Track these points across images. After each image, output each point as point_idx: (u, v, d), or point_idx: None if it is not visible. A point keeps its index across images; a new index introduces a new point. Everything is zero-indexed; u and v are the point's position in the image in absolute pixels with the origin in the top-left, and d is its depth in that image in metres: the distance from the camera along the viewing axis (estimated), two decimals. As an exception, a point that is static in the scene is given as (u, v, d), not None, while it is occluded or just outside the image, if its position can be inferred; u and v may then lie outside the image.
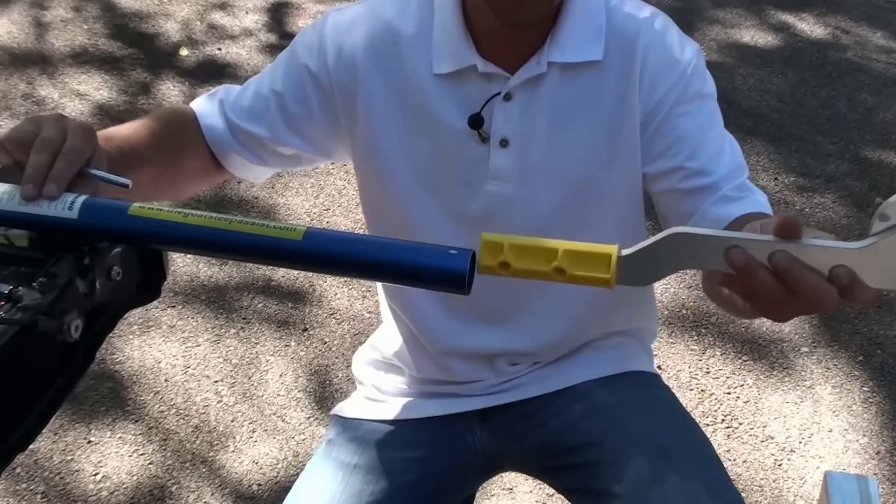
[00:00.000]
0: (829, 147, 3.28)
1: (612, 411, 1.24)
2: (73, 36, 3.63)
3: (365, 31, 1.14)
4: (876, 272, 0.65)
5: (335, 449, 1.27)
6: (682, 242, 0.71)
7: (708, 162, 1.09)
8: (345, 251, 0.78)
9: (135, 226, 0.81)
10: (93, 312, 0.79)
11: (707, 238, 0.71)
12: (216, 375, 2.26)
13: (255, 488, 2.00)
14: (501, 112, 1.12)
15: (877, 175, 3.15)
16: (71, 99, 3.25)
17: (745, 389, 2.30)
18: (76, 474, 2.01)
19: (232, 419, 2.15)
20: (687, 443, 1.17)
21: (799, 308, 0.71)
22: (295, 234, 0.78)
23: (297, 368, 2.29)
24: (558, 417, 1.26)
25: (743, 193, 1.06)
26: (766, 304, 0.72)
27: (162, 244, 0.83)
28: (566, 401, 1.27)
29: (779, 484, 2.07)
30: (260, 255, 0.80)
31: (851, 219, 2.93)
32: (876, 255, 0.65)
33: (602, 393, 1.26)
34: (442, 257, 0.75)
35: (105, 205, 0.83)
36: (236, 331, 2.39)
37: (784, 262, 0.68)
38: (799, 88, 3.63)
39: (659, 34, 1.12)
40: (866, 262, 0.66)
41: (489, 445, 1.29)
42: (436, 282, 0.75)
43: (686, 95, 1.10)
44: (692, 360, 2.37)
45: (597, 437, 1.20)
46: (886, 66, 3.86)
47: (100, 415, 2.14)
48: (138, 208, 0.82)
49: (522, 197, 1.15)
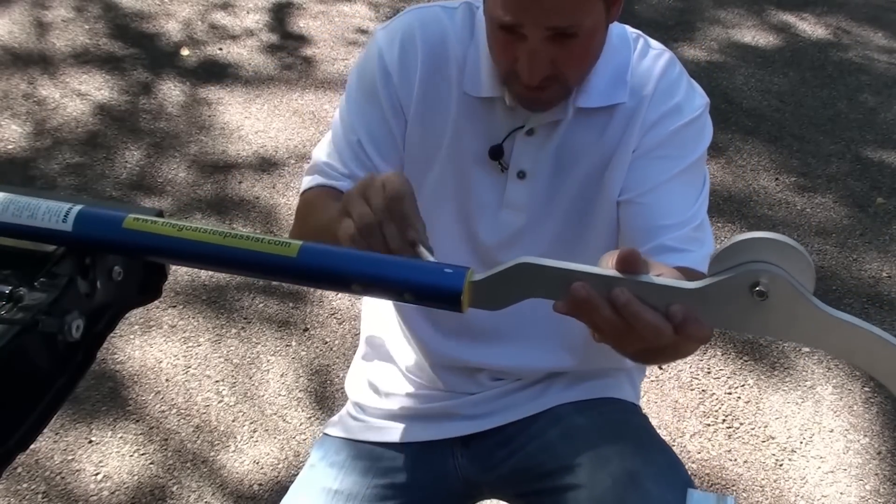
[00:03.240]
0: (830, 147, 3.28)
1: (586, 434, 1.24)
2: (74, 36, 3.63)
3: (421, 47, 1.17)
4: (707, 312, 0.69)
5: (317, 474, 1.28)
6: (529, 272, 0.73)
7: (660, 206, 1.13)
8: (340, 267, 0.78)
9: (129, 239, 0.80)
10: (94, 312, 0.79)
11: (553, 269, 0.73)
12: (217, 375, 2.26)
13: (255, 488, 2.00)
14: (523, 145, 1.16)
15: (878, 175, 3.15)
16: (72, 99, 3.26)
17: (746, 389, 2.30)
18: (77, 474, 2.01)
19: (233, 419, 2.15)
20: (658, 467, 1.18)
21: (637, 341, 0.73)
22: (290, 249, 0.78)
23: (298, 368, 2.29)
24: (535, 441, 1.27)
25: (684, 246, 1.09)
26: (608, 334, 0.75)
27: (156, 257, 0.83)
28: (544, 424, 1.28)
29: (780, 484, 2.07)
30: (254, 270, 0.80)
31: (853, 219, 2.93)
32: (707, 296, 0.68)
33: (579, 417, 1.27)
34: (437, 275, 0.75)
35: (100, 216, 0.82)
36: (237, 331, 2.39)
37: (621, 298, 0.70)
38: (800, 88, 3.63)
39: (671, 84, 1.16)
40: (699, 303, 0.69)
41: (469, 471, 1.30)
42: (431, 299, 0.75)
43: (672, 144, 1.14)
44: (693, 360, 2.37)
45: (570, 461, 1.21)
46: (888, 67, 3.85)
47: (101, 414, 2.14)
48: (133, 220, 0.81)
49: (530, 226, 1.20)
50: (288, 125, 3.20)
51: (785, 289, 0.66)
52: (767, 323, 0.67)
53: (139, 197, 2.83)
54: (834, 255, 2.77)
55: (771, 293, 0.66)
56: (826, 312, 0.66)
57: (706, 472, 2.08)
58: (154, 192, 2.85)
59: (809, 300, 0.66)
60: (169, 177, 2.92)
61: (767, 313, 0.67)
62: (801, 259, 0.66)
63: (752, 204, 2.97)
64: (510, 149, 1.17)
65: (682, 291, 0.70)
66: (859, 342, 0.66)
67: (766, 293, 0.66)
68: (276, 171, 2.97)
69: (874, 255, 2.78)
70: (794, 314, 0.66)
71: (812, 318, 0.66)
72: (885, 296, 2.62)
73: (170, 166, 2.96)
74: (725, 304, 0.68)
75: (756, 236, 0.66)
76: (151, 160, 2.99)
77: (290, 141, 3.12)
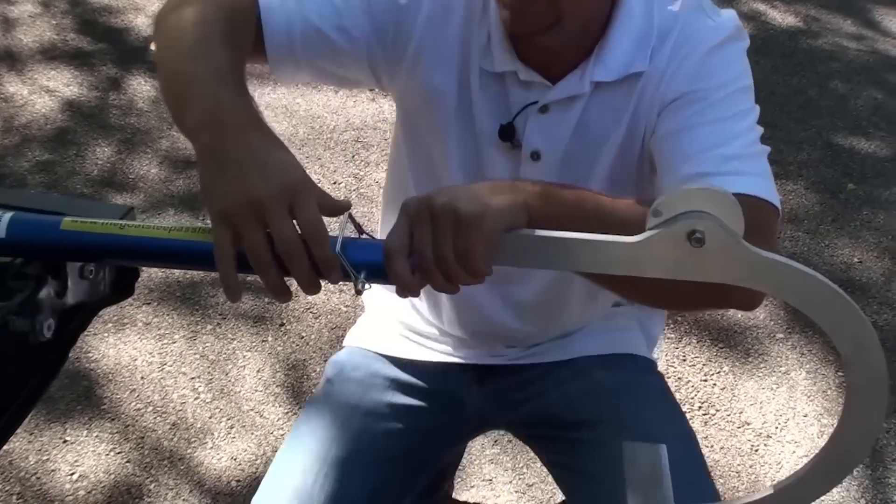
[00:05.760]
0: (801, 134, 3.31)
1: (609, 394, 1.25)
2: (41, 31, 3.58)
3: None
4: (650, 262, 0.74)
5: (335, 389, 1.28)
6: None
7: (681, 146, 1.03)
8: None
9: (68, 241, 0.78)
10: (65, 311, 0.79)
11: (510, 235, 0.80)
12: (193, 372, 2.24)
13: (233, 484, 1.99)
14: (536, 124, 1.10)
15: (848, 161, 3.18)
16: (40, 95, 3.22)
17: (721, 376, 2.31)
18: (52, 474, 1.99)
19: (209, 416, 2.14)
20: (674, 437, 1.18)
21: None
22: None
23: (274, 364, 2.28)
24: (556, 390, 1.27)
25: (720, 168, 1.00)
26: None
27: (99, 258, 0.81)
28: (565, 375, 1.28)
29: (755, 469, 2.09)
30: (202, 263, 0.79)
31: (824, 205, 2.96)
32: (648, 248, 0.73)
33: (601, 373, 1.27)
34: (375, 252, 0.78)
35: (35, 221, 0.79)
36: (212, 327, 2.37)
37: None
38: (771, 76, 3.65)
39: (693, 25, 1.07)
40: (642, 254, 0.74)
41: (484, 406, 1.30)
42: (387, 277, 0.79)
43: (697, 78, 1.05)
44: (669, 348, 2.38)
45: (590, 417, 1.22)
46: (857, 54, 3.89)
47: (75, 414, 2.12)
48: (71, 222, 0.79)
49: None
50: (260, 119, 3.18)
51: (719, 234, 0.71)
52: (705, 267, 0.73)
53: (111, 194, 2.80)
54: (806, 242, 2.79)
55: (707, 239, 0.71)
56: (756, 253, 0.72)
57: (683, 459, 2.10)
58: (126, 189, 2.82)
59: (741, 243, 0.72)
60: (141, 173, 2.89)
61: (704, 258, 0.72)
62: (732, 206, 0.72)
63: (724, 192, 2.99)
64: (523, 127, 1.10)
65: (624, 246, 0.74)
66: (786, 278, 0.73)
67: (702, 239, 0.71)
68: (249, 166, 2.95)
69: (845, 240, 2.81)
70: (728, 257, 0.72)
71: (744, 259, 0.72)
72: (857, 281, 2.65)
73: (141, 162, 2.94)
74: (666, 254, 0.73)
75: (689, 188, 0.72)
76: (122, 156, 2.96)
77: (263, 135, 3.10)
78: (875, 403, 0.78)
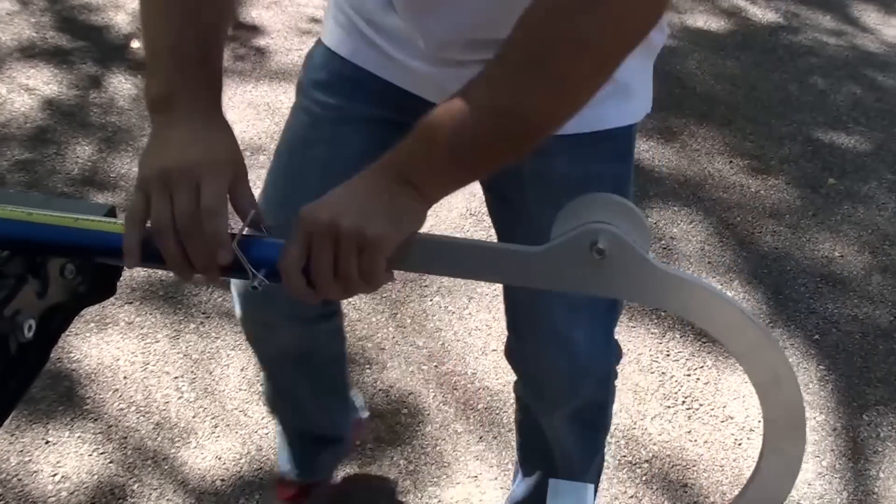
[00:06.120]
0: (782, 130, 3.32)
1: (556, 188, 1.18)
2: (20, 29, 3.56)
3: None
4: (553, 274, 0.72)
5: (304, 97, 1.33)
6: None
7: None
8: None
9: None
10: (46, 311, 0.78)
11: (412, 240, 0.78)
12: (176, 371, 2.23)
13: (218, 484, 1.98)
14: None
15: (829, 157, 3.20)
16: (20, 94, 3.19)
17: (704, 371, 2.33)
18: (34, 475, 1.98)
19: (193, 415, 2.13)
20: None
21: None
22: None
23: (258, 363, 2.27)
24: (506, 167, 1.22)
25: None
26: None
27: (7, 246, 0.79)
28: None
29: (739, 463, 2.10)
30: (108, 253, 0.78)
31: (805, 200, 2.97)
32: (551, 258, 0.71)
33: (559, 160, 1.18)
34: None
35: None
36: (196, 326, 2.36)
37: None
38: (752, 72, 3.67)
39: None
40: (544, 265, 0.72)
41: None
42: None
43: None
44: (652, 343, 2.39)
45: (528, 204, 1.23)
46: (837, 49, 3.91)
47: (58, 414, 2.11)
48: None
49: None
50: (242, 117, 3.17)
51: (621, 245, 0.69)
52: (609, 281, 0.70)
53: (92, 193, 2.78)
54: (787, 237, 2.80)
55: (609, 250, 0.69)
56: (660, 268, 0.70)
57: (667, 454, 2.11)
58: (107, 188, 2.81)
59: (644, 256, 0.69)
60: (122, 171, 2.87)
61: (607, 272, 0.70)
62: (635, 218, 0.70)
63: (706, 187, 3.00)
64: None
65: (527, 255, 0.72)
66: (694, 298, 0.69)
67: (604, 250, 0.69)
68: (231, 164, 2.94)
69: (826, 235, 2.83)
70: (632, 272, 0.69)
71: (648, 274, 0.69)
72: (838, 275, 2.67)
73: (122, 161, 2.92)
74: (568, 265, 0.71)
75: (591, 198, 0.70)
76: (103, 155, 2.94)
77: (245, 133, 3.09)
78: (793, 438, 0.71)
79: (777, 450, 0.71)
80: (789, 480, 0.72)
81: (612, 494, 2.01)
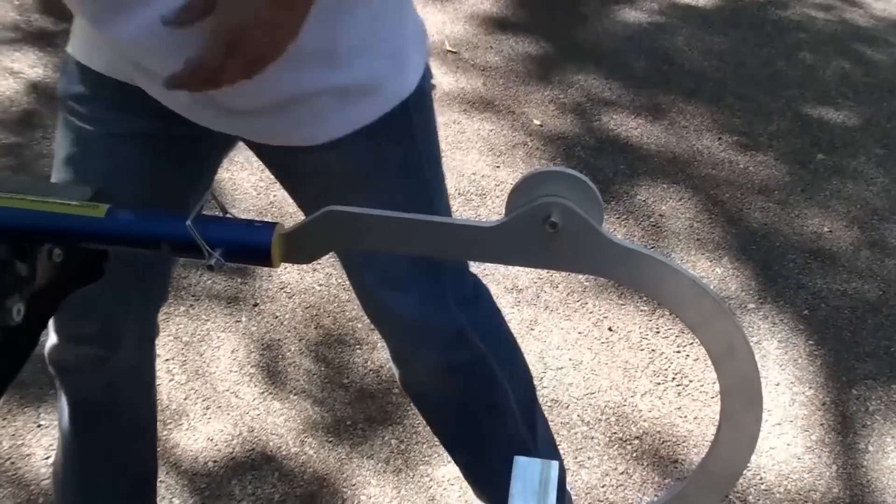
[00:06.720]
0: (770, 105, 3.33)
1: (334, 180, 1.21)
2: (3, 12, 3.52)
3: None
4: (506, 249, 0.72)
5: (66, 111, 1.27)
6: (339, 220, 0.75)
7: None
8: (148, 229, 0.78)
9: None
10: (35, 295, 0.78)
11: (362, 216, 0.75)
12: (167, 354, 2.24)
13: (210, 465, 1.99)
14: None
15: (818, 132, 3.20)
16: (5, 77, 3.17)
17: (694, 347, 2.34)
18: (27, 458, 1.98)
19: (185, 397, 2.13)
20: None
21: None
22: (97, 211, 0.77)
23: (248, 344, 2.27)
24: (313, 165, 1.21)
25: None
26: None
27: None
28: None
29: (729, 438, 2.11)
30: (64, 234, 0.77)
31: (794, 176, 2.98)
32: (504, 233, 0.71)
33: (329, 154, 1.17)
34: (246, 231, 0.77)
35: None
36: (186, 308, 2.36)
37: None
38: (740, 48, 3.67)
39: None
40: (498, 240, 0.72)
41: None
42: (243, 257, 0.77)
43: None
44: (642, 320, 2.40)
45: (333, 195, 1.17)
46: (825, 24, 3.91)
47: (49, 398, 2.11)
48: None
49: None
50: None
51: (575, 219, 0.69)
52: (562, 255, 0.70)
53: (79, 176, 2.77)
54: (776, 212, 2.81)
55: (562, 224, 0.69)
56: (614, 241, 0.69)
57: (657, 430, 2.12)
58: (94, 171, 2.79)
59: (598, 229, 0.69)
60: (109, 154, 2.86)
61: (561, 245, 0.70)
62: (588, 191, 0.69)
63: (695, 164, 3.00)
64: None
65: (479, 230, 0.72)
66: (646, 270, 0.69)
67: (557, 224, 0.69)
68: (220, 146, 2.93)
69: (815, 210, 2.84)
70: (585, 245, 0.69)
71: (602, 247, 0.70)
72: (827, 250, 2.68)
73: (109, 143, 2.90)
74: (522, 240, 0.71)
75: (544, 171, 0.69)
76: (90, 138, 2.92)
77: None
78: (749, 409, 0.71)
79: (734, 421, 0.72)
80: (747, 452, 0.73)
81: (602, 471, 2.02)
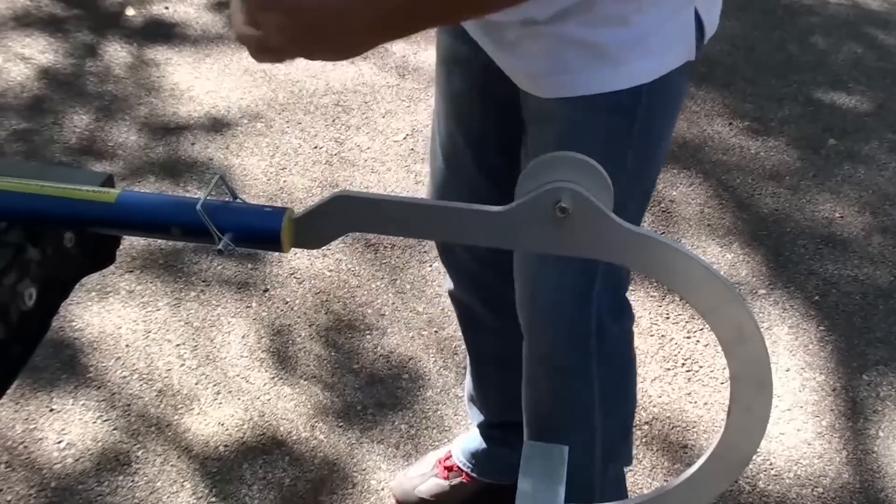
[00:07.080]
0: (782, 90, 3.31)
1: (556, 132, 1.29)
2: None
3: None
4: (517, 234, 0.72)
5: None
6: (348, 204, 0.75)
7: None
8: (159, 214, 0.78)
9: None
10: (47, 280, 0.78)
11: (370, 201, 0.75)
12: (178, 339, 2.24)
13: (221, 450, 2.00)
14: None
15: (829, 117, 3.18)
16: (16, 63, 3.18)
17: (704, 333, 2.33)
18: (40, 443, 2.00)
19: (196, 382, 2.14)
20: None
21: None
22: (108, 196, 0.77)
23: (259, 329, 2.28)
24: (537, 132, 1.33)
25: None
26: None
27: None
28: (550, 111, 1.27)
29: (739, 424, 2.11)
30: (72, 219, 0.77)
31: (805, 161, 2.97)
32: (514, 219, 0.71)
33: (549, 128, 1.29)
34: (257, 217, 0.76)
35: None
36: (196, 293, 2.37)
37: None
38: (752, 32, 3.65)
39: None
40: (508, 226, 0.72)
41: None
42: (253, 241, 0.77)
43: None
44: (652, 306, 2.40)
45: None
46: (837, 8, 3.88)
47: (61, 382, 2.12)
48: None
49: None
50: (239, 84, 3.15)
51: (585, 204, 0.69)
52: (572, 240, 0.70)
53: (90, 162, 2.78)
54: (787, 198, 2.80)
55: (572, 209, 0.69)
56: (624, 226, 0.70)
57: (667, 416, 2.12)
58: (105, 157, 2.80)
59: (608, 214, 0.69)
60: (119, 140, 2.87)
61: (571, 230, 0.70)
62: (599, 176, 0.70)
63: (706, 149, 2.99)
64: None
65: (490, 215, 0.72)
66: (657, 255, 0.70)
67: (567, 209, 0.69)
68: (229, 132, 2.93)
69: (827, 196, 2.82)
70: (595, 230, 0.70)
71: (612, 232, 0.70)
72: (838, 236, 2.67)
73: (120, 130, 2.91)
74: (532, 225, 0.71)
75: (554, 156, 0.70)
76: (101, 124, 2.93)
77: (243, 100, 3.07)
78: (760, 394, 0.71)
79: (744, 407, 0.71)
80: (757, 437, 0.73)
81: (612, 456, 2.03)
